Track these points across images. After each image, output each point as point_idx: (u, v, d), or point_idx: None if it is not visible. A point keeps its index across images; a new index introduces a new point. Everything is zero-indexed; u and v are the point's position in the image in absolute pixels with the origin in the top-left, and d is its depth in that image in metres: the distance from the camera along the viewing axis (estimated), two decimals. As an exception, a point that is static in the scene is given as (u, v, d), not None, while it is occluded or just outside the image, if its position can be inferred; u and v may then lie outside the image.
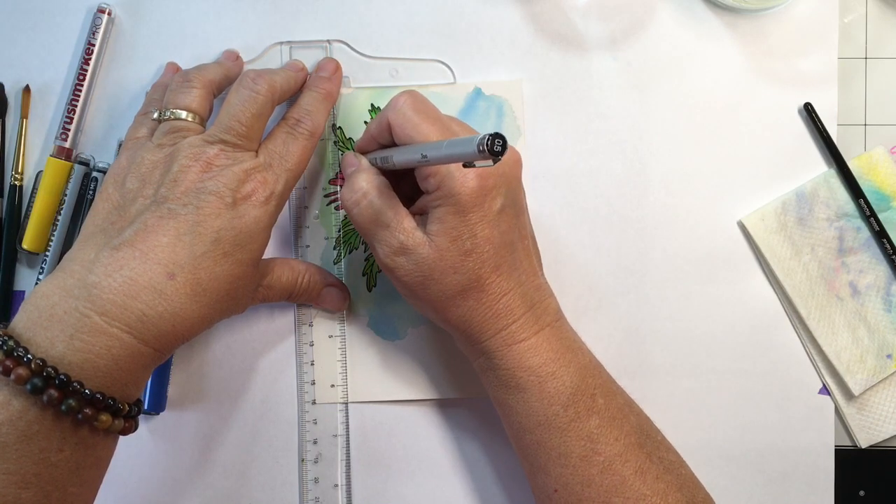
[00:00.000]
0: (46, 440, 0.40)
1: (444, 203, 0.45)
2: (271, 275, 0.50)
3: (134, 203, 0.45)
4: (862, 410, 0.54)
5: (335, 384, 0.55)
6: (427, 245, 0.45)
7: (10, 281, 0.54)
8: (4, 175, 0.55)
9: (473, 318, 0.46)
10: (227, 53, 0.54)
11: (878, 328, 0.54)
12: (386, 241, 0.46)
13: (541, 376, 0.46)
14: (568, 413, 0.46)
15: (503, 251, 0.46)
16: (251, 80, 0.48)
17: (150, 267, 0.42)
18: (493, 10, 0.55)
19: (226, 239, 0.44)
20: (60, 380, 0.39)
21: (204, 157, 0.45)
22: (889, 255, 0.54)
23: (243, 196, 0.45)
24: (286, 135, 0.49)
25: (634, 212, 0.55)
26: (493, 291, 0.46)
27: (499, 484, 0.55)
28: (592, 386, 0.47)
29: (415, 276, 0.46)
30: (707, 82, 0.54)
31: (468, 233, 0.45)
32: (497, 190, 0.45)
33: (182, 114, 0.48)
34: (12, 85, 0.55)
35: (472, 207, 0.45)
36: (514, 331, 0.46)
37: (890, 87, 0.55)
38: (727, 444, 0.54)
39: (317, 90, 0.52)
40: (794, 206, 0.54)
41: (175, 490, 0.55)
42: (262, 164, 0.47)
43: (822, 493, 0.54)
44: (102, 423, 0.41)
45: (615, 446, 0.46)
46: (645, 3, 0.55)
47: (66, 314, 0.41)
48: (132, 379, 0.43)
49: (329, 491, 0.55)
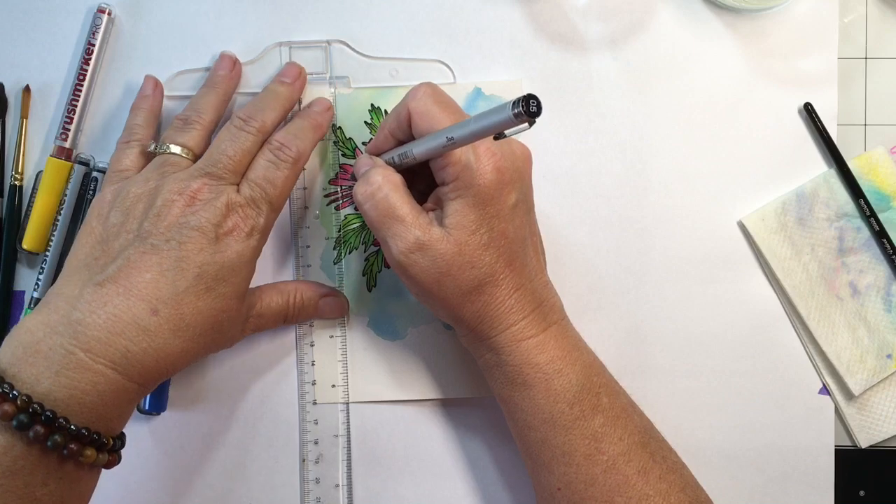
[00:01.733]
0: (31, 475, 0.40)
1: (463, 195, 0.45)
2: (260, 303, 0.50)
3: (118, 238, 0.45)
4: (862, 410, 0.54)
5: (336, 384, 0.55)
6: (445, 240, 0.45)
7: (10, 281, 0.54)
8: (4, 175, 0.55)
9: (486, 314, 0.46)
10: (224, 59, 0.53)
11: (878, 328, 0.54)
12: (401, 236, 0.45)
13: (547, 373, 0.46)
14: (573, 411, 0.46)
15: (516, 246, 0.46)
16: (243, 120, 0.48)
17: (133, 303, 0.42)
18: (493, 10, 0.55)
19: (208, 274, 0.44)
20: (47, 416, 0.39)
21: (188, 191, 0.45)
22: (889, 255, 0.54)
23: (226, 231, 0.45)
24: (268, 162, 0.48)
25: (634, 212, 0.55)
26: (506, 287, 0.46)
27: (499, 484, 0.55)
28: (597, 385, 0.47)
29: (431, 273, 0.45)
30: (707, 82, 0.55)
31: (486, 226, 0.45)
32: (513, 185, 0.45)
33: (177, 149, 0.48)
34: (12, 85, 0.55)
35: (490, 200, 0.45)
36: (524, 327, 0.46)
37: (890, 87, 0.55)
38: (727, 444, 0.54)
39: (307, 119, 0.51)
40: (794, 206, 0.54)
41: (175, 490, 0.55)
42: (244, 199, 0.46)
43: (822, 493, 0.54)
44: (87, 458, 0.41)
45: (619, 445, 0.46)
46: (645, 3, 0.55)
47: (51, 350, 0.41)
48: (116, 413, 0.43)
49: (330, 491, 0.55)
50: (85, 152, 0.54)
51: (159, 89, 0.53)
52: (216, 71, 0.53)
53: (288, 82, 0.52)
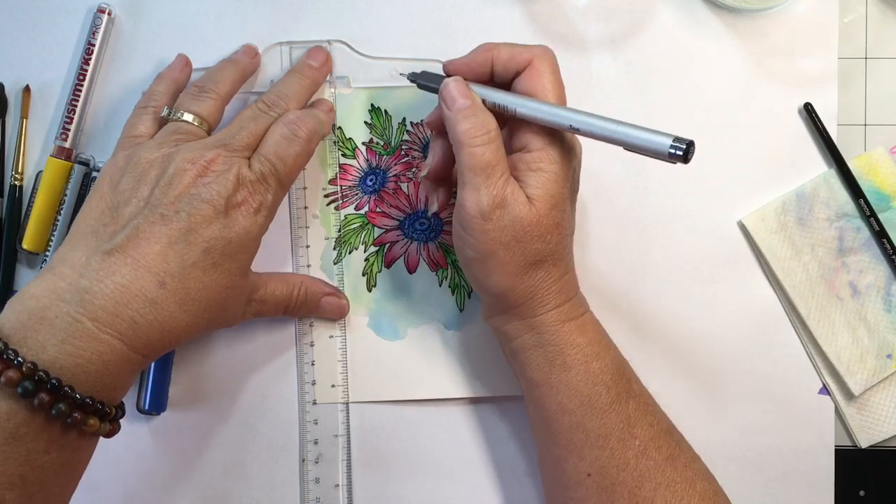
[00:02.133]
0: (34, 442, 0.40)
1: (550, 168, 0.45)
2: (264, 288, 0.50)
3: (128, 205, 0.44)
4: (862, 410, 0.54)
5: (336, 384, 0.55)
6: (528, 206, 0.45)
7: (10, 281, 0.54)
8: (4, 175, 0.55)
9: (539, 289, 0.47)
10: (247, 47, 0.54)
11: (878, 328, 0.54)
12: (491, 189, 0.44)
13: (588, 355, 0.47)
14: (610, 394, 0.47)
15: (570, 233, 0.48)
16: (267, 105, 0.49)
17: (141, 275, 0.42)
18: (493, 10, 0.55)
19: (216, 249, 0.44)
20: (52, 384, 0.39)
21: (202, 161, 0.45)
22: (889, 255, 0.54)
23: (235, 205, 0.45)
24: (281, 138, 0.47)
25: (634, 212, 0.55)
26: (561, 267, 0.47)
27: (499, 484, 0.55)
28: (629, 371, 0.49)
29: (505, 234, 0.45)
30: (707, 82, 0.54)
31: (562, 205, 0.46)
32: (576, 172, 0.47)
33: (190, 117, 0.48)
34: (12, 85, 0.55)
35: (566, 181, 0.46)
36: (568, 309, 0.47)
37: (890, 87, 0.55)
38: (727, 444, 0.54)
39: (321, 107, 0.52)
40: (794, 206, 0.54)
41: (175, 490, 0.55)
42: (254, 174, 0.46)
43: (822, 493, 0.54)
44: (90, 427, 0.41)
45: (650, 431, 0.47)
46: (645, 3, 0.55)
47: (58, 318, 0.41)
48: (119, 383, 0.43)
49: (330, 491, 0.55)
50: (85, 152, 0.54)
51: (188, 68, 0.53)
52: (237, 52, 0.54)
53: (315, 66, 0.53)
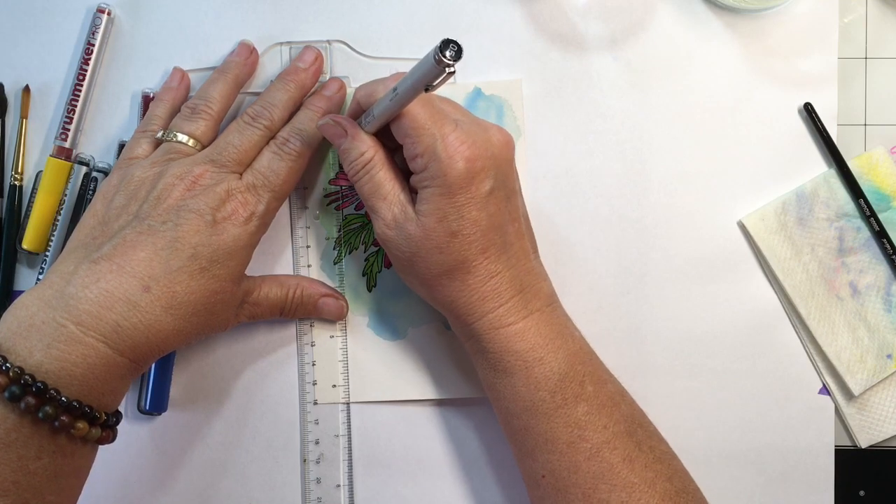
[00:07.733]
0: (24, 447, 0.40)
1: (432, 184, 0.45)
2: (258, 291, 0.50)
3: (117, 219, 0.46)
4: (862, 410, 0.54)
5: (336, 384, 0.55)
6: (415, 223, 0.46)
7: (10, 281, 0.54)
8: (4, 175, 0.55)
9: (459, 300, 0.47)
10: (241, 47, 0.53)
11: (878, 328, 0.54)
12: (382, 213, 0.47)
13: (528, 361, 0.46)
14: (555, 399, 0.46)
15: (491, 234, 0.46)
16: (252, 117, 0.49)
17: (125, 280, 0.43)
18: (493, 9, 0.55)
19: (203, 255, 0.45)
20: (38, 387, 0.40)
21: (190, 176, 0.46)
22: (889, 255, 0.54)
23: (224, 216, 0.46)
24: (273, 154, 0.49)
25: (634, 212, 0.55)
26: (480, 274, 0.46)
27: (499, 484, 0.55)
28: (581, 373, 0.47)
29: (404, 251, 0.47)
30: (707, 82, 0.54)
31: (455, 214, 0.45)
32: (486, 172, 0.46)
33: (183, 138, 0.49)
34: (12, 85, 0.55)
35: (460, 189, 0.45)
36: (502, 314, 0.47)
37: (890, 87, 0.55)
38: (727, 444, 0.54)
39: (313, 108, 0.51)
40: (794, 206, 0.54)
41: (175, 490, 0.55)
42: (245, 185, 0.47)
43: (822, 493, 0.54)
44: (79, 431, 0.42)
45: (603, 433, 0.46)
46: (645, 3, 0.55)
47: (44, 324, 0.42)
48: (109, 388, 0.43)
49: (331, 491, 0.55)
50: (85, 152, 0.54)
51: (185, 82, 0.53)
52: (230, 57, 0.53)
53: (302, 67, 0.52)
